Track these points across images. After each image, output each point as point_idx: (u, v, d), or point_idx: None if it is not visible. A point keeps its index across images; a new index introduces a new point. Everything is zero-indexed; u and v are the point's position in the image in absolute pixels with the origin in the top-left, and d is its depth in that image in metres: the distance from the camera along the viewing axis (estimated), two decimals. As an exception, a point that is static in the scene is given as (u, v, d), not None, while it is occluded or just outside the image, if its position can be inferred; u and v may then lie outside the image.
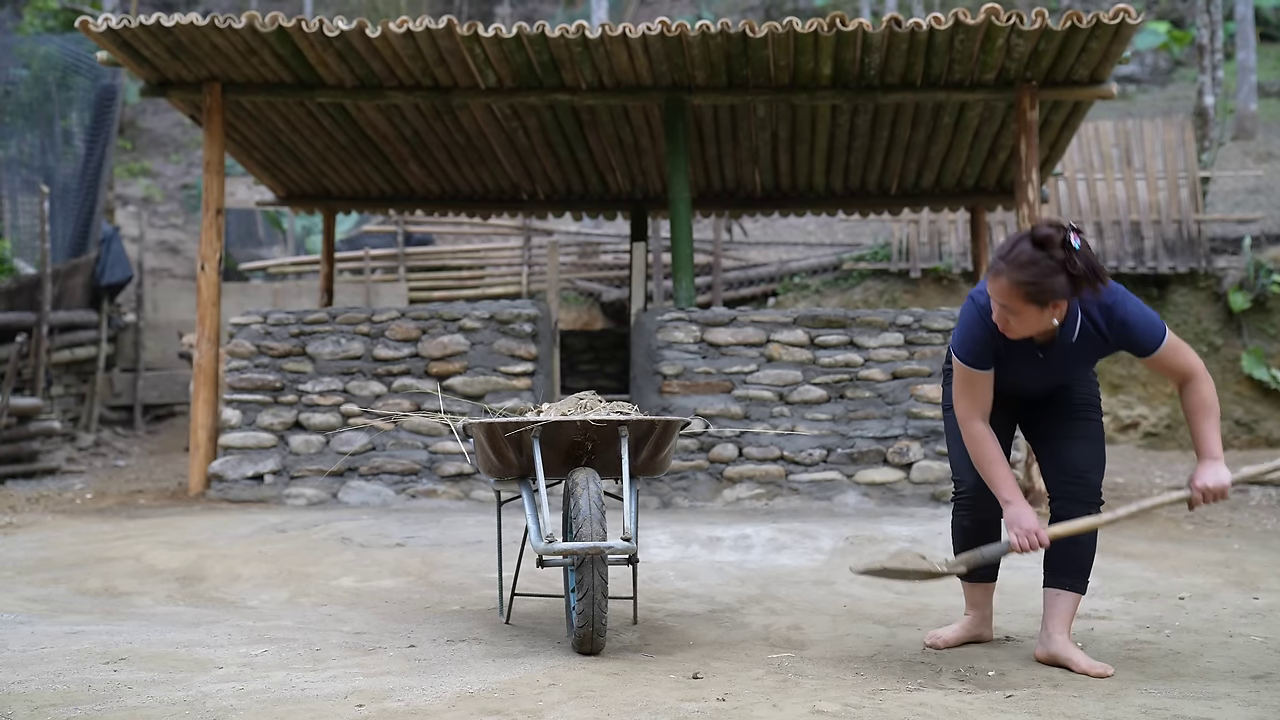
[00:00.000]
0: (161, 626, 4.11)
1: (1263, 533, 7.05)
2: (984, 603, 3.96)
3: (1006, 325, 3.45)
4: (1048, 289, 3.34)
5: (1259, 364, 12.66)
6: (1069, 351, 3.57)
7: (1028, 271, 3.34)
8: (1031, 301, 3.37)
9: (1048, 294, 3.35)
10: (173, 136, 22.64)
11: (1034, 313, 3.40)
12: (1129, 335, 3.52)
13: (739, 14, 25.77)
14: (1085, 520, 3.55)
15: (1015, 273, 3.35)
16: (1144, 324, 3.51)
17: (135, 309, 12.98)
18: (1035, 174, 7.82)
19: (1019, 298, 3.37)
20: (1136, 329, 3.51)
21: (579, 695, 3.13)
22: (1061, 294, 3.36)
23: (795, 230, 16.69)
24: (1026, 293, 3.35)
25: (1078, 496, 3.63)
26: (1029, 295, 3.35)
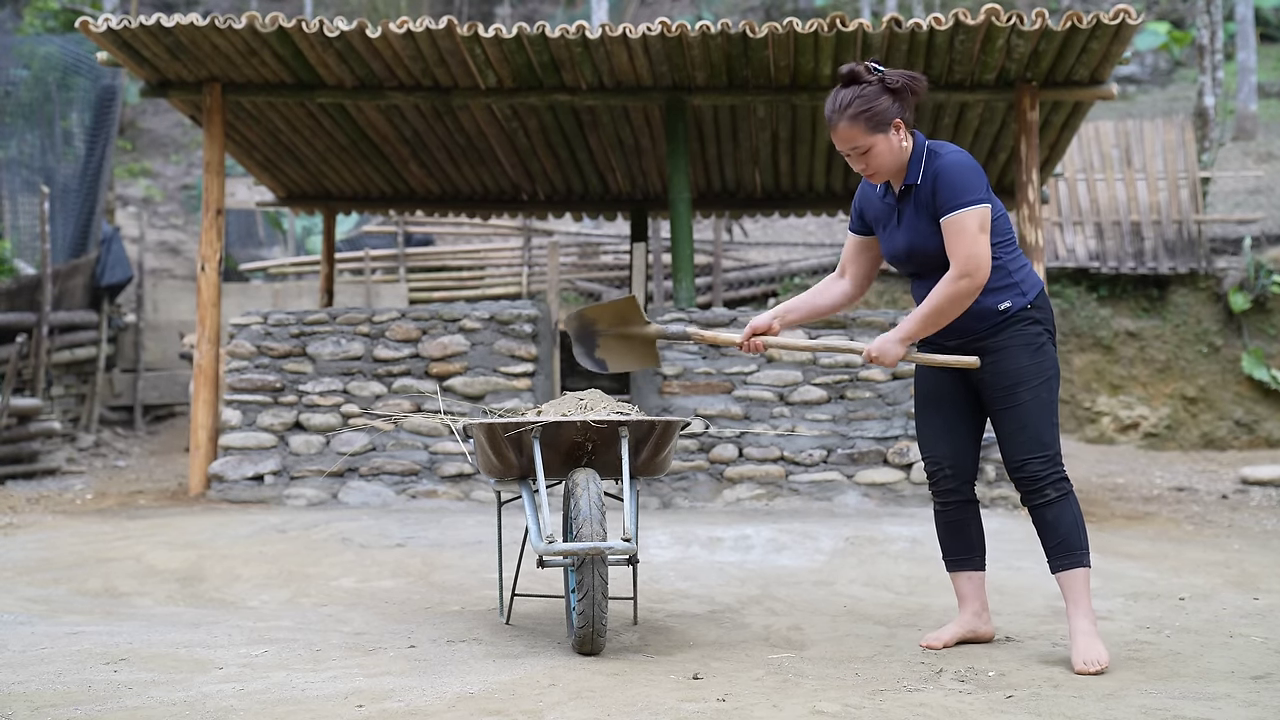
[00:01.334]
0: (162, 627, 4.11)
1: (1263, 533, 7.06)
2: (973, 595, 3.90)
3: (868, 167, 3.58)
4: (881, 110, 3.53)
5: (1259, 364, 12.66)
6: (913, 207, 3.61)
7: (856, 105, 3.53)
8: (875, 130, 3.53)
9: (883, 115, 3.53)
10: (173, 137, 22.65)
11: (883, 141, 3.55)
12: (938, 184, 3.54)
13: (739, 14, 25.77)
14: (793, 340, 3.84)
15: (847, 111, 3.54)
16: (950, 177, 3.52)
17: (135, 309, 12.99)
18: (1035, 174, 7.82)
19: (863, 131, 3.54)
20: (944, 179, 3.53)
21: (579, 695, 3.13)
22: (895, 111, 3.54)
23: (795, 231, 16.69)
24: (866, 122, 3.53)
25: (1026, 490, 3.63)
26: (869, 123, 3.53)
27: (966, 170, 3.53)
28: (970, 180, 3.52)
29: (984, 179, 3.56)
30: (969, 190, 3.51)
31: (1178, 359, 12.91)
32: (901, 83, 3.54)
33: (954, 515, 3.86)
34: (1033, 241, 7.75)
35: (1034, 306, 3.64)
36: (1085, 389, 12.96)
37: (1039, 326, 3.65)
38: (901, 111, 3.56)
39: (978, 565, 3.89)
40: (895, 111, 3.54)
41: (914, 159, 3.61)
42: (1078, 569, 3.61)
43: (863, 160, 3.58)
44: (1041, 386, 3.61)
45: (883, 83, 3.54)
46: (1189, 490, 9.31)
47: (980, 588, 3.90)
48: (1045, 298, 3.71)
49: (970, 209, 3.50)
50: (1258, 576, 5.40)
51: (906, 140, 3.58)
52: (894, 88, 3.54)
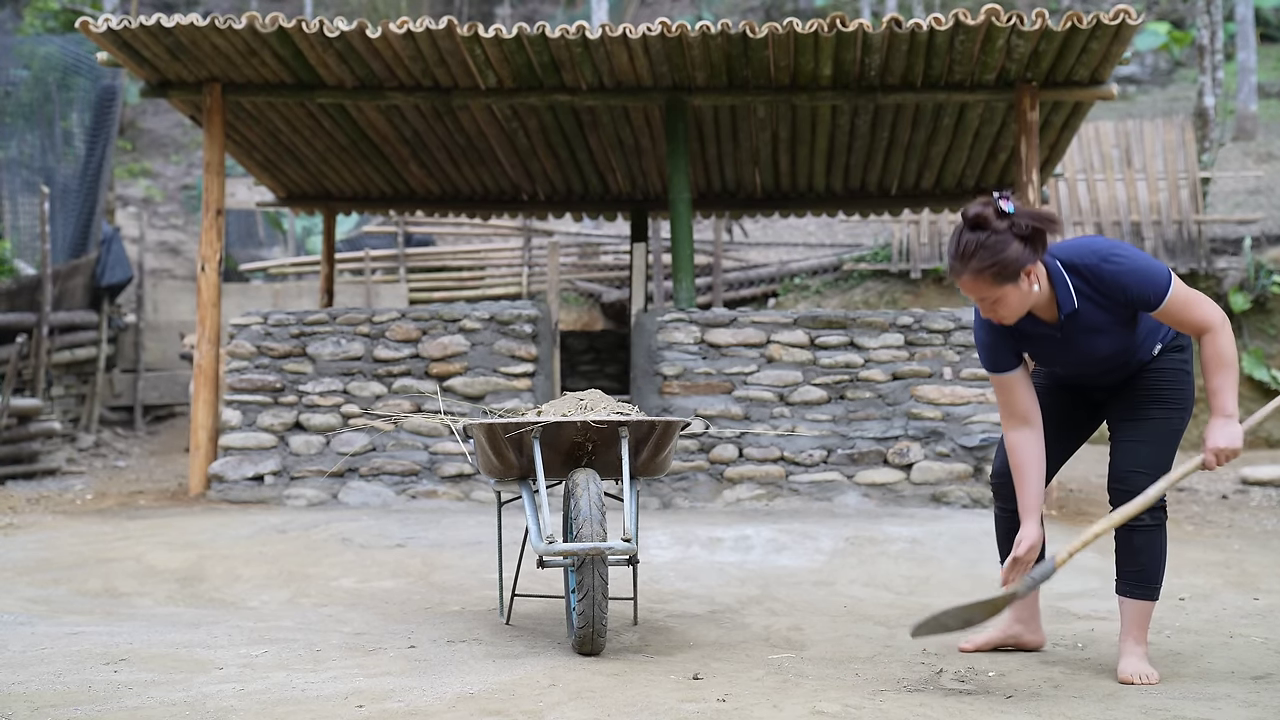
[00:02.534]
0: (162, 627, 4.11)
1: (1263, 533, 7.06)
2: (1021, 603, 3.79)
3: (996, 315, 3.33)
4: (1010, 261, 3.22)
5: (1259, 365, 12.66)
6: (1081, 322, 3.38)
7: (982, 256, 3.23)
8: (1004, 281, 3.25)
9: (1013, 266, 3.23)
10: (173, 137, 22.65)
11: (1013, 291, 3.27)
12: (1126, 293, 3.32)
13: (739, 15, 25.78)
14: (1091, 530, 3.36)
15: (972, 263, 3.24)
16: (1137, 278, 3.30)
17: (135, 310, 12.99)
18: (1035, 175, 7.82)
19: (989, 283, 3.26)
20: (1130, 285, 3.30)
21: (579, 696, 3.13)
22: (1025, 260, 3.24)
23: (795, 231, 16.69)
24: (993, 275, 3.24)
25: (1117, 501, 3.47)
26: (997, 276, 3.24)
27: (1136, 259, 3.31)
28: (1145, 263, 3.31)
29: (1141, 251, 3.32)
30: (1156, 269, 3.30)
31: (1178, 359, 12.91)
32: (1032, 227, 3.23)
33: (1012, 523, 3.71)
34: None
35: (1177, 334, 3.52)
36: (1085, 389, 12.95)
37: (1185, 354, 3.55)
38: (1033, 257, 3.25)
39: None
40: (1027, 259, 3.24)
41: (1060, 287, 3.35)
42: (1147, 601, 3.51)
43: (991, 309, 3.32)
44: (1175, 413, 3.51)
45: (1012, 229, 3.23)
46: (1189, 490, 9.31)
47: (1030, 597, 3.78)
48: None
49: (1173, 284, 3.30)
50: (1258, 577, 5.40)
51: (1039, 283, 3.30)
52: (1023, 235, 3.23)
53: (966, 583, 5.22)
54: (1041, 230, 3.25)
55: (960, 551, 5.82)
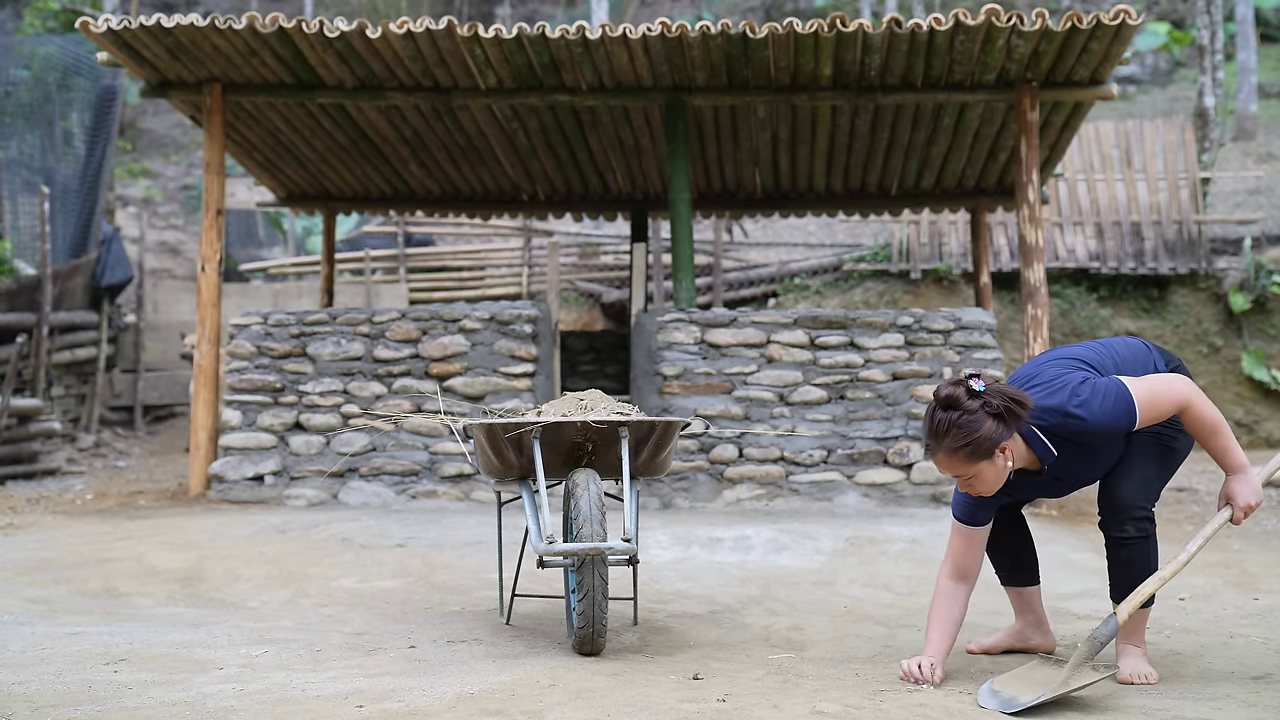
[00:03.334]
0: (162, 627, 4.11)
1: (1263, 533, 7.05)
2: (1025, 608, 3.79)
3: (974, 490, 3.36)
4: (983, 440, 3.24)
5: (1259, 365, 12.66)
6: (1073, 461, 3.42)
7: (955, 436, 3.25)
8: (977, 459, 3.27)
9: (986, 444, 3.25)
10: (173, 137, 22.65)
11: (988, 468, 3.30)
12: (1102, 436, 3.35)
13: (739, 15, 25.78)
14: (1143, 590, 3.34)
15: (946, 442, 3.27)
16: (1102, 423, 3.31)
17: (135, 310, 12.99)
18: (1036, 175, 7.82)
19: (964, 460, 3.28)
20: (1101, 430, 3.33)
21: (579, 696, 3.13)
22: (999, 438, 3.26)
23: (795, 231, 16.69)
24: (967, 455, 3.26)
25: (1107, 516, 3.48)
26: (970, 455, 3.26)
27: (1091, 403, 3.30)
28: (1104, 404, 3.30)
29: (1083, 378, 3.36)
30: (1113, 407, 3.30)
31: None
32: (1003, 407, 3.24)
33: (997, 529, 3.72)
34: (1032, 242, 7.76)
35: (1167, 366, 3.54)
36: (1085, 389, 12.95)
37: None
38: (1006, 434, 3.26)
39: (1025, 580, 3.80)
40: (1000, 436, 3.26)
41: (1036, 446, 3.37)
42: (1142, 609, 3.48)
43: (968, 485, 3.36)
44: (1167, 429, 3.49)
45: (984, 408, 3.24)
46: (1189, 491, 9.30)
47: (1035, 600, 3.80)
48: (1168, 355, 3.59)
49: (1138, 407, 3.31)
50: (1258, 577, 5.40)
51: (1013, 459, 3.33)
52: (996, 413, 3.25)
53: (966, 583, 5.21)
54: (1011, 410, 3.26)
55: (960, 551, 5.82)
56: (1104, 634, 3.25)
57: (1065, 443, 3.37)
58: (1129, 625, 3.51)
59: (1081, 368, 3.46)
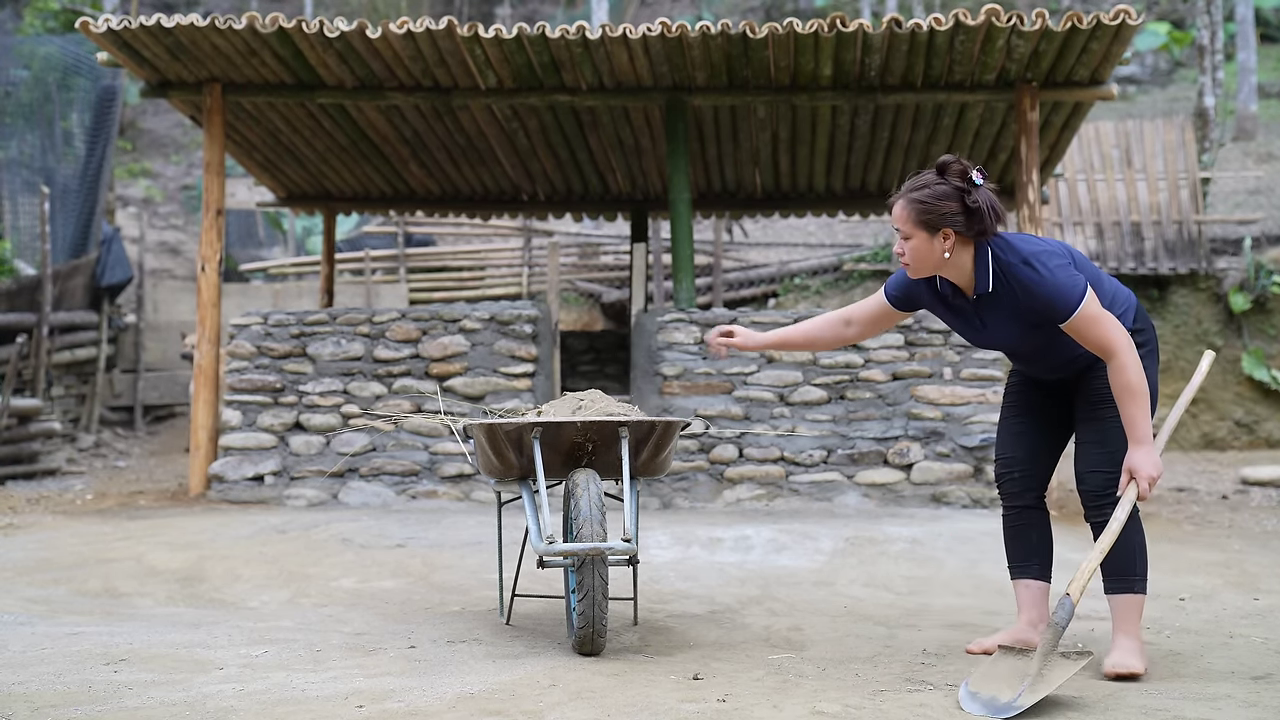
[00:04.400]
0: (162, 627, 4.11)
1: (1263, 533, 7.06)
2: (1030, 604, 3.79)
3: (904, 258, 3.43)
4: (937, 211, 3.33)
5: (1259, 365, 12.66)
6: (993, 306, 3.45)
7: (921, 194, 3.35)
8: (921, 225, 3.35)
9: (937, 217, 3.33)
10: (173, 137, 22.66)
11: (924, 240, 3.37)
12: (1034, 300, 3.36)
13: (739, 15, 25.78)
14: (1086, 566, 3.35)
15: (910, 194, 3.36)
16: (1045, 290, 3.33)
17: (136, 310, 12.99)
18: (1035, 175, 7.82)
19: (910, 219, 3.36)
20: (1037, 295, 3.34)
21: (579, 696, 3.13)
22: (952, 222, 3.33)
23: (795, 231, 16.69)
24: (917, 213, 3.34)
25: (1085, 505, 3.57)
26: (919, 217, 3.35)
27: (1055, 273, 3.34)
28: (1062, 279, 3.33)
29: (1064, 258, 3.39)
30: (1068, 287, 3.33)
31: (1178, 359, 12.90)
32: (978, 205, 3.32)
33: (1017, 520, 3.80)
34: (1033, 242, 7.75)
35: (1134, 330, 3.52)
36: (1085, 389, 12.95)
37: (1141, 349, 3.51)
38: (960, 226, 3.34)
39: (1037, 574, 3.80)
40: (952, 222, 3.34)
41: (980, 268, 3.41)
42: (1128, 594, 3.54)
43: (901, 246, 3.44)
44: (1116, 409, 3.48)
45: (962, 194, 3.33)
46: (1189, 491, 9.31)
47: (1039, 598, 3.79)
48: (1142, 311, 3.60)
49: (1082, 305, 3.33)
50: (1258, 577, 5.40)
51: (951, 253, 3.38)
52: (970, 206, 3.33)
53: (967, 583, 5.22)
54: (984, 214, 3.33)
55: (960, 551, 5.83)
56: (1062, 616, 3.25)
57: (1005, 288, 3.41)
58: (1118, 615, 3.55)
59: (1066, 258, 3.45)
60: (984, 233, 3.37)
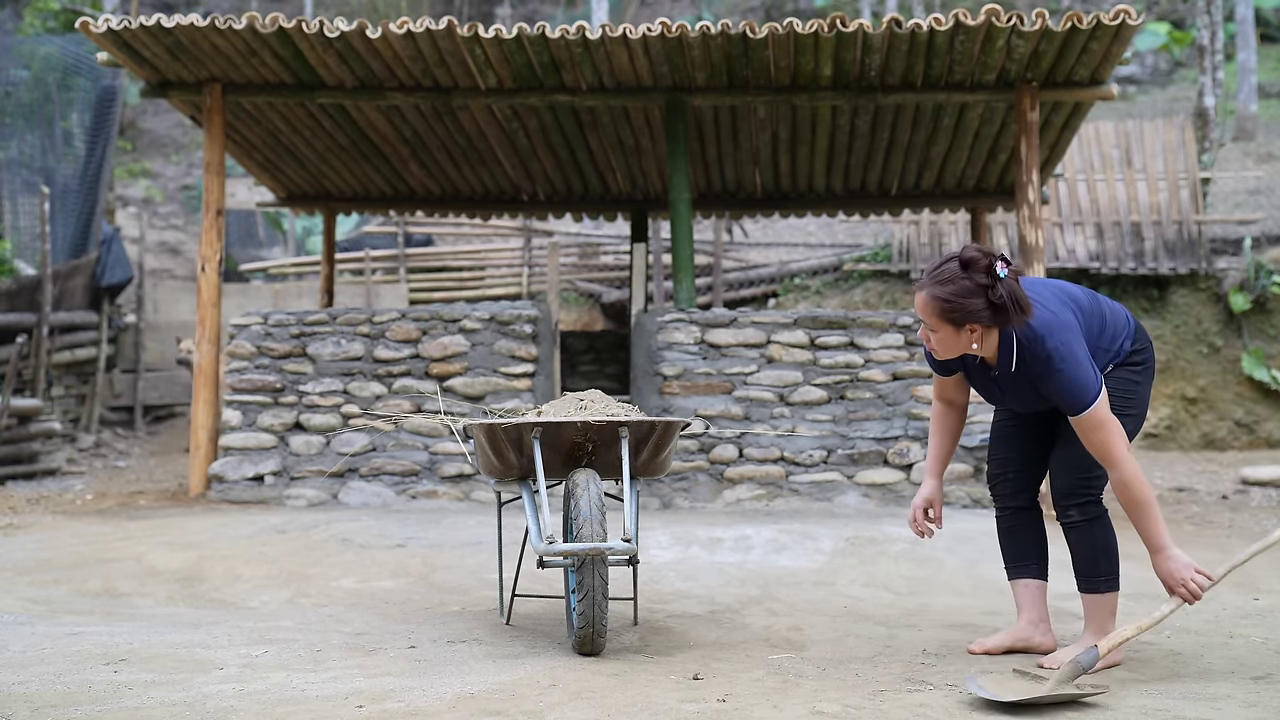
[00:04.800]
0: (162, 627, 4.11)
1: (1263, 533, 7.04)
2: (1029, 604, 3.82)
3: (928, 340, 3.46)
4: (962, 309, 3.34)
5: (1259, 365, 12.66)
6: (1017, 381, 3.50)
7: (946, 289, 3.34)
8: (947, 321, 3.37)
9: (962, 315, 3.34)
10: (173, 137, 22.66)
11: (950, 333, 3.40)
12: (1050, 388, 3.42)
13: (739, 15, 25.78)
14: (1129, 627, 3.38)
15: (934, 289, 3.36)
16: (1065, 385, 3.37)
17: (136, 310, 12.99)
18: (1036, 175, 7.82)
19: (935, 314, 3.38)
20: (1056, 387, 3.39)
21: (579, 696, 3.13)
22: (978, 318, 3.34)
23: (795, 231, 16.69)
24: (942, 310, 3.36)
25: (1055, 505, 3.65)
26: (944, 314, 3.36)
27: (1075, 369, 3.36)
28: (1080, 377, 3.36)
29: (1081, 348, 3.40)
30: (1084, 387, 3.36)
31: (1178, 359, 12.91)
32: (1004, 302, 3.31)
33: (1010, 521, 3.86)
34: (1033, 242, 7.76)
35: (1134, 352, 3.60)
36: (1085, 389, 12.95)
37: (1136, 368, 3.61)
38: (987, 321, 3.36)
39: (1034, 574, 3.85)
40: (979, 319, 3.35)
41: (1004, 349, 3.45)
42: (1093, 594, 3.60)
43: (926, 334, 3.47)
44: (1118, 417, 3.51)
45: (987, 290, 3.31)
46: (1189, 491, 9.31)
47: (1038, 598, 3.84)
48: (1140, 330, 3.64)
49: (1093, 408, 3.37)
50: (1258, 577, 5.40)
51: (978, 343, 3.42)
52: (994, 301, 3.32)
53: (967, 583, 5.22)
54: (1008, 309, 3.32)
55: (960, 551, 5.82)
56: (1085, 661, 3.25)
57: (1026, 367, 3.44)
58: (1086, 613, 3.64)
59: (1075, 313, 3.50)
60: (1007, 323, 3.37)
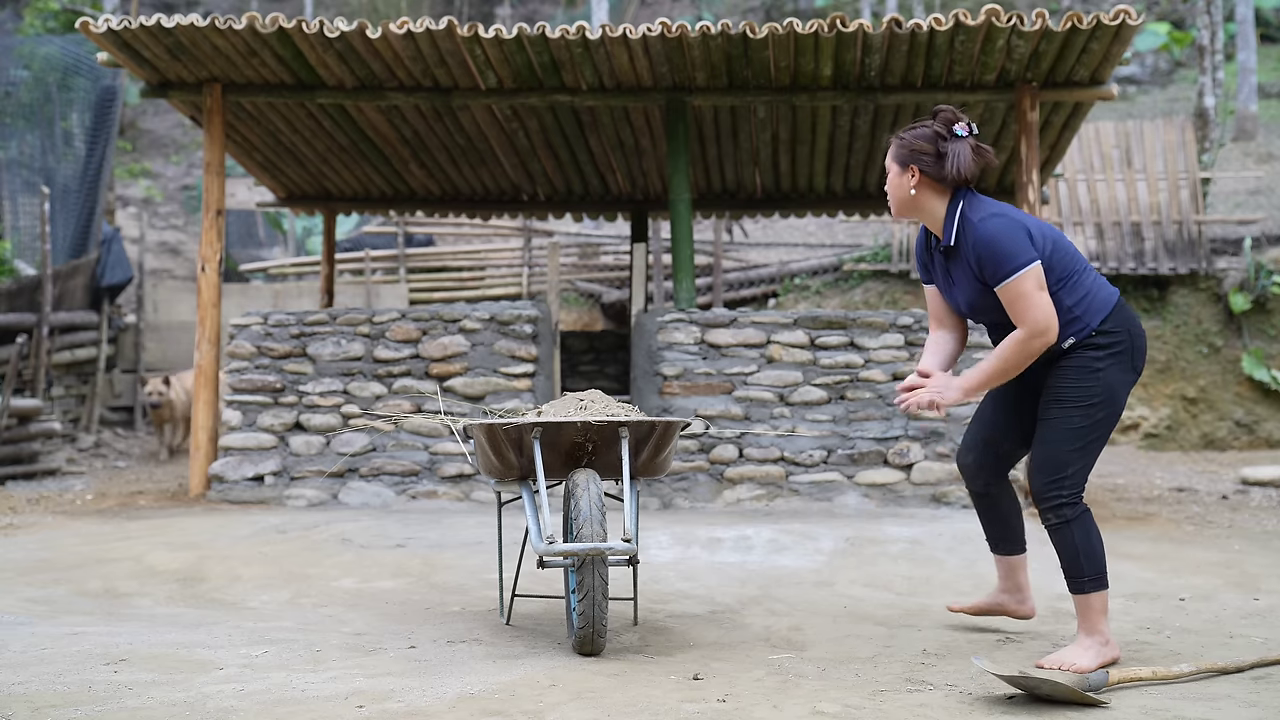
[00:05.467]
0: (162, 627, 4.11)
1: (1263, 533, 7.05)
2: (1005, 575, 4.04)
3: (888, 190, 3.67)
4: (910, 148, 3.58)
5: (1259, 365, 12.66)
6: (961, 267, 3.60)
7: (908, 133, 3.62)
8: (895, 159, 3.62)
9: (909, 154, 3.58)
10: (173, 138, 22.66)
11: (896, 174, 3.63)
12: (976, 253, 3.51)
13: (739, 15, 25.78)
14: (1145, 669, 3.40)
15: (901, 133, 3.65)
16: (992, 248, 3.46)
17: (136, 310, 12.99)
18: (1036, 175, 7.82)
19: (891, 154, 3.64)
20: (983, 250, 3.49)
21: (579, 696, 3.13)
22: (919, 160, 3.57)
23: (796, 231, 16.69)
24: (895, 148, 3.62)
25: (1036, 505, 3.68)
26: (895, 151, 3.62)
27: (1005, 236, 3.45)
28: (1011, 245, 3.45)
29: (1023, 234, 3.48)
30: (1014, 255, 3.44)
31: (1178, 359, 12.91)
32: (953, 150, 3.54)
33: (979, 505, 4.00)
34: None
35: (1099, 331, 3.57)
36: (1085, 389, 12.94)
37: (1100, 351, 3.57)
38: (929, 167, 3.55)
39: (1006, 550, 4.01)
40: (921, 161, 3.56)
41: (948, 219, 3.58)
42: (1079, 595, 3.63)
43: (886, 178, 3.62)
44: (1077, 410, 3.55)
45: (941, 139, 3.56)
46: (1189, 491, 9.31)
47: (1009, 570, 4.03)
48: (1119, 313, 3.60)
49: (1020, 274, 3.44)
50: (1258, 577, 5.40)
51: (917, 190, 3.59)
52: (942, 150, 3.55)
53: (967, 583, 5.22)
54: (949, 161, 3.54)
55: (960, 551, 5.83)
56: (1093, 681, 3.26)
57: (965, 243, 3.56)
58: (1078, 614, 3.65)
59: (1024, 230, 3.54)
60: (943, 179, 3.55)
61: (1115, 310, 3.60)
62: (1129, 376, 3.60)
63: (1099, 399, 3.55)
